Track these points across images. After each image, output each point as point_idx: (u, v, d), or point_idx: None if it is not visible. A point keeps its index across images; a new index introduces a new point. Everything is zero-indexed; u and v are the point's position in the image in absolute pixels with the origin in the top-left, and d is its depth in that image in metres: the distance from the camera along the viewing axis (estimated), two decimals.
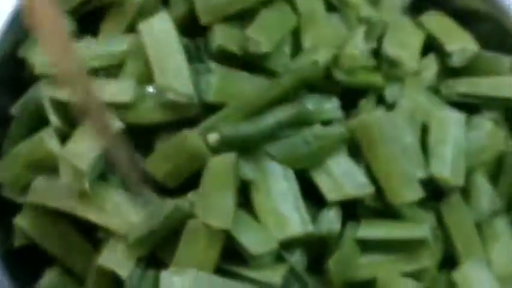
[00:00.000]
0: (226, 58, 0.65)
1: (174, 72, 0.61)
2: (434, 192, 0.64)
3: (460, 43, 0.70)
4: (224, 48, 0.64)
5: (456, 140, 0.64)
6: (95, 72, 0.63)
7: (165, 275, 0.56)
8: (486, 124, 0.67)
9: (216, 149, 0.59)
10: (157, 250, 0.60)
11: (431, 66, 0.69)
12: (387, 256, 0.63)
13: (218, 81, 0.62)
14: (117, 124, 0.59)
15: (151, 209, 0.59)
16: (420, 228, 0.62)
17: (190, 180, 0.60)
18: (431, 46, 0.71)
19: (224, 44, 0.64)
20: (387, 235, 0.62)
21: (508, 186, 0.67)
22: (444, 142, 0.64)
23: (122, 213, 0.59)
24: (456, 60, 0.69)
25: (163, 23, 0.63)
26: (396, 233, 0.62)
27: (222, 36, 0.64)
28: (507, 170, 0.66)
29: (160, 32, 0.63)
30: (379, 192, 0.62)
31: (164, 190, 0.61)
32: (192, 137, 0.59)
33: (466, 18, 0.73)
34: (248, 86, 0.63)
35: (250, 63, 0.65)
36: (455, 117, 0.65)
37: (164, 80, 0.61)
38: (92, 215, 0.60)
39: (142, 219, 0.58)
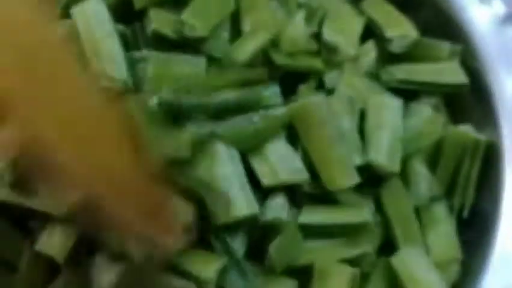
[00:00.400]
0: (163, 43, 0.64)
1: (108, 58, 0.60)
2: (373, 178, 0.64)
3: (400, 29, 0.70)
4: (159, 32, 0.63)
5: (393, 126, 0.64)
6: None
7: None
8: (424, 110, 0.67)
9: (155, 116, 0.58)
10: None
11: (370, 53, 0.69)
12: (328, 242, 0.63)
13: (154, 68, 0.61)
14: None
15: None
16: (361, 213, 0.63)
17: None
18: (371, 32, 0.70)
19: (159, 28, 0.63)
20: (328, 220, 0.63)
21: (446, 171, 0.67)
22: (381, 128, 0.64)
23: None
24: (396, 47, 0.69)
25: (96, 8, 0.62)
26: (337, 218, 0.63)
27: (157, 21, 0.64)
28: (446, 156, 0.66)
29: (93, 16, 0.62)
30: (317, 178, 0.61)
31: None
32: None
33: (406, 5, 0.72)
34: (187, 69, 0.62)
35: (188, 47, 0.64)
36: (392, 103, 0.65)
37: (98, 66, 0.60)
38: (26, 201, 0.59)
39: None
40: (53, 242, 0.59)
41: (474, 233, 0.66)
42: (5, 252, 0.62)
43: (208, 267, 0.58)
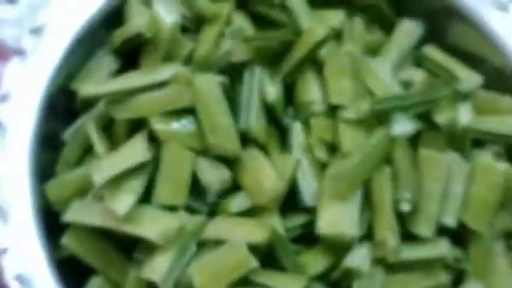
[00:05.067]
0: None
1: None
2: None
3: (467, 72, 0.77)
4: None
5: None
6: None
7: None
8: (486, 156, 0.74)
9: None
10: None
11: None
12: (408, 275, 0.70)
13: None
14: None
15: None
16: (439, 247, 0.69)
17: None
18: None
19: None
20: (411, 256, 0.69)
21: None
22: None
23: (159, 224, 0.67)
24: (465, 87, 0.76)
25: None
26: (419, 253, 0.69)
27: None
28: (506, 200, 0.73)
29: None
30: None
31: None
32: None
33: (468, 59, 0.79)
34: None
35: None
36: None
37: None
38: (130, 229, 0.67)
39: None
40: (157, 269, 0.66)
41: None
42: (112, 274, 0.70)
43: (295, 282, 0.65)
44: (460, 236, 0.72)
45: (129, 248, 0.70)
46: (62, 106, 0.75)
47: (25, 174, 0.71)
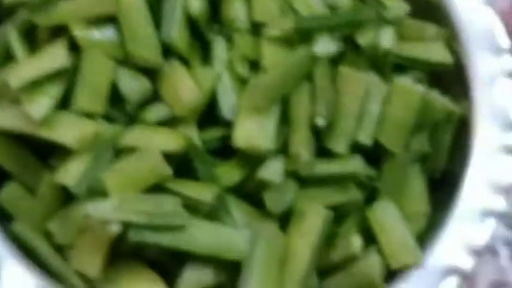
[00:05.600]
0: None
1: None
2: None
3: (396, 1, 0.78)
4: None
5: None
6: None
7: (91, 206, 0.64)
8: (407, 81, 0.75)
9: None
10: None
11: None
12: (321, 190, 0.71)
13: None
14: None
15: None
16: (353, 163, 0.71)
17: None
18: None
19: None
20: (323, 171, 0.70)
21: (423, 136, 0.75)
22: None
23: (75, 129, 0.67)
24: (390, 14, 0.76)
25: None
26: (332, 168, 0.70)
27: None
28: (424, 123, 0.74)
29: None
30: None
31: None
32: None
33: None
34: None
35: None
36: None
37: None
38: (46, 134, 0.67)
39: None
40: (71, 173, 0.67)
41: (443, 192, 0.74)
42: (27, 178, 0.70)
43: (207, 190, 0.67)
44: (375, 157, 0.72)
45: (45, 154, 0.69)
46: None
47: None
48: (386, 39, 0.74)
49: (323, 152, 0.71)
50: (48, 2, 0.71)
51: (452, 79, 0.78)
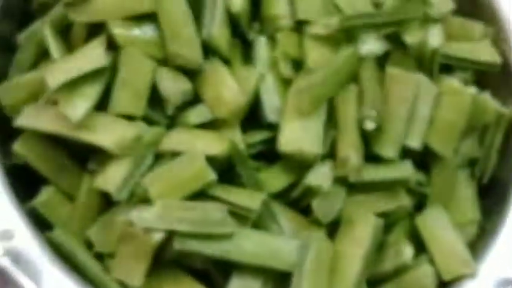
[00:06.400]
0: None
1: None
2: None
3: None
4: None
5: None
6: None
7: (134, 213, 0.61)
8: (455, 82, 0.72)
9: None
10: None
11: None
12: (370, 196, 0.68)
13: None
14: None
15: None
16: (403, 169, 0.67)
17: None
18: None
19: None
20: (373, 177, 0.67)
21: (471, 140, 0.72)
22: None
23: (115, 132, 0.64)
24: (436, 11, 0.73)
25: None
26: (381, 174, 0.67)
27: None
28: (472, 125, 0.72)
29: None
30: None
31: None
32: None
33: None
34: None
35: None
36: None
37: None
38: (84, 137, 0.64)
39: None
40: (112, 179, 0.64)
41: (492, 198, 0.72)
42: (64, 183, 0.67)
43: (253, 198, 0.64)
44: (423, 160, 0.69)
45: (83, 158, 0.67)
46: (17, 8, 0.72)
47: None
48: (434, 37, 0.71)
49: (370, 156, 0.67)
50: None
51: (499, 80, 0.75)
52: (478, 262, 0.67)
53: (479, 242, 0.70)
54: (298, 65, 0.70)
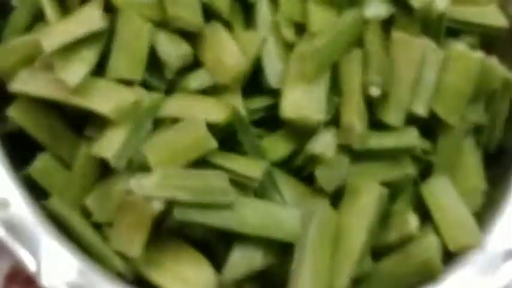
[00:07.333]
0: None
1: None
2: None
3: None
4: None
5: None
6: None
7: (133, 181, 0.59)
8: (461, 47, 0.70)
9: None
10: None
11: None
12: (374, 164, 0.66)
13: None
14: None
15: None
16: (408, 136, 0.66)
17: None
18: None
19: None
20: (378, 144, 0.66)
21: (477, 107, 0.70)
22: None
23: (113, 98, 0.62)
24: None
25: None
26: (386, 142, 0.66)
27: None
28: (478, 92, 0.70)
29: None
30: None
31: None
32: None
33: None
34: None
35: None
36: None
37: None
38: (81, 102, 0.62)
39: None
40: (109, 145, 0.62)
41: (499, 168, 0.70)
42: (61, 150, 0.65)
43: (255, 166, 0.62)
44: (429, 128, 0.67)
45: (80, 124, 0.65)
46: None
47: None
48: (441, 1, 0.69)
49: (375, 123, 0.66)
50: None
51: (506, 45, 0.73)
52: (484, 233, 0.65)
53: (485, 212, 0.68)
54: (300, 28, 0.67)
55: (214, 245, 0.63)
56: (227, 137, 0.63)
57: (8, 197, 0.61)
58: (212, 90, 0.65)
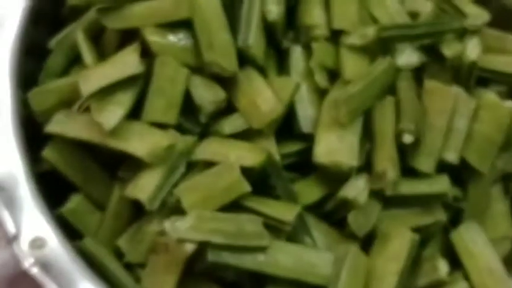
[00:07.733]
0: None
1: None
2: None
3: (474, 8, 0.73)
4: None
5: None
6: None
7: (168, 224, 0.59)
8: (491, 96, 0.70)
9: None
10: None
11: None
12: (405, 210, 0.67)
13: None
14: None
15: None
16: (440, 183, 0.66)
17: None
18: None
19: None
20: (410, 191, 0.66)
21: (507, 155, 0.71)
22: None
23: (148, 140, 0.63)
24: (472, 22, 0.72)
25: None
26: (418, 188, 0.66)
27: None
28: (507, 140, 0.70)
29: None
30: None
31: None
32: None
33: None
34: None
35: None
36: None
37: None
38: (117, 145, 0.63)
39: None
40: (144, 188, 0.62)
41: None
42: (93, 191, 0.66)
43: (288, 210, 0.62)
44: (459, 175, 0.68)
45: (114, 166, 0.66)
46: (48, 13, 0.71)
47: (7, 81, 0.67)
48: (472, 50, 0.70)
49: (407, 170, 0.66)
50: (119, 3, 0.66)
51: None
52: None
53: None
54: (333, 75, 0.68)
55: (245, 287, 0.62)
56: (260, 181, 0.63)
57: (43, 236, 0.61)
58: (245, 135, 0.65)
